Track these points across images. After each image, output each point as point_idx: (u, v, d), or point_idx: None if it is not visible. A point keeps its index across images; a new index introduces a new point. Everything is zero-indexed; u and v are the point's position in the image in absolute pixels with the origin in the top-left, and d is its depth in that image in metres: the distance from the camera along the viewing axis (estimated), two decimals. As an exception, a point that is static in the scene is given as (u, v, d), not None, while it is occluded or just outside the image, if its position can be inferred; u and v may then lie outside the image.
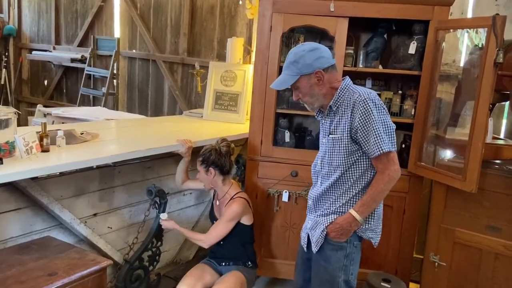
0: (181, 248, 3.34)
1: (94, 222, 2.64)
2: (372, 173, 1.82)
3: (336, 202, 1.88)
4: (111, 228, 2.76)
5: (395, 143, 1.77)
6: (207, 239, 2.49)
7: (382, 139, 1.72)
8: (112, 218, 2.76)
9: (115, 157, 2.32)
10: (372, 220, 1.86)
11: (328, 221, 1.88)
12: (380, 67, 2.74)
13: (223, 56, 4.18)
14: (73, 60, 5.53)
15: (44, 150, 2.12)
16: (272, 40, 2.74)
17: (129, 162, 2.74)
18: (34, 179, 2.20)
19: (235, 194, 2.55)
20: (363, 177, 1.83)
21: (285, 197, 2.85)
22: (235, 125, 3.49)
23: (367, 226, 1.85)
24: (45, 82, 6.44)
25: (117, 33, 5.40)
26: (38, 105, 4.99)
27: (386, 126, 1.76)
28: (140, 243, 2.71)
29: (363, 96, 1.76)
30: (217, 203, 2.62)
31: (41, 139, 2.10)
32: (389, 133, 1.76)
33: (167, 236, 3.09)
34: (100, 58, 5.56)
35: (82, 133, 2.54)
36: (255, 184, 2.89)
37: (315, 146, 2.88)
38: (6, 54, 6.47)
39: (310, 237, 1.96)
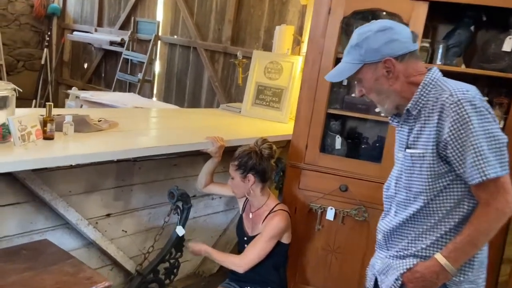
0: (205, 259, 2.94)
1: (106, 224, 2.29)
2: (471, 205, 1.31)
3: (416, 242, 1.37)
4: (125, 232, 2.40)
5: (507, 164, 1.24)
6: (244, 263, 2.07)
7: (485, 159, 1.20)
8: (128, 221, 2.40)
9: (127, 153, 1.94)
10: (471, 269, 1.33)
11: (405, 267, 1.37)
12: (463, 66, 2.21)
13: (269, 47, 3.74)
14: (112, 43, 5.27)
15: (47, 137, 1.77)
16: (329, 26, 2.28)
17: (152, 157, 2.36)
18: (35, 170, 1.86)
19: (275, 206, 2.11)
20: (457, 210, 1.31)
21: (330, 215, 2.37)
22: (277, 124, 3.05)
23: (462, 278, 1.33)
24: (85, 65, 6.25)
25: (159, 17, 5.08)
26: (73, 88, 4.77)
27: (492, 139, 1.22)
28: (158, 251, 2.34)
29: (457, 96, 1.25)
30: (250, 215, 2.19)
31: (44, 124, 1.75)
32: (497, 150, 1.23)
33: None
34: (140, 43, 5.27)
35: (100, 120, 2.18)
36: (295, 195, 2.44)
37: (372, 158, 2.40)
38: (49, 34, 6.35)
39: (379, 283, 1.48)
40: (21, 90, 1.67)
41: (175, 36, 4.99)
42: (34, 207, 1.99)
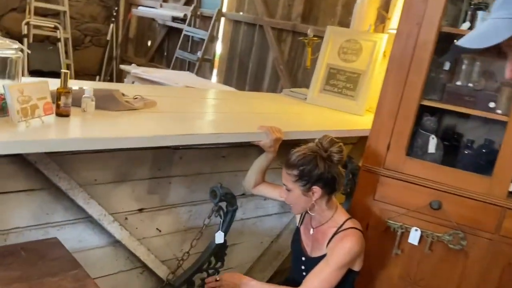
0: (252, 268, 2.52)
1: (137, 220, 1.93)
2: None
3: None
4: (159, 231, 2.03)
5: None
6: None
7: None
8: (163, 218, 2.03)
9: (153, 140, 1.53)
10: None
11: None
12: None
13: (347, 25, 3.19)
14: (174, 19, 4.97)
15: (61, 113, 1.41)
16: (434, -12, 1.70)
17: (197, 146, 1.96)
18: (51, 153, 1.52)
19: (344, 222, 1.61)
20: None
21: (413, 238, 1.83)
22: (348, 116, 2.52)
23: None
24: (148, 43, 6.06)
25: (225, -8, 4.69)
26: (132, 64, 4.55)
27: None
28: (196, 255, 1.95)
29: None
30: (311, 231, 1.71)
31: (58, 97, 1.39)
32: None
33: (233, 251, 2.30)
34: (204, 20, 4.91)
35: (136, 98, 1.81)
36: (368, 208, 1.92)
37: (477, 168, 1.81)
38: (116, 9, 6.22)
39: None
40: (29, 52, 1.30)
41: (241, 13, 4.57)
42: (52, 196, 1.66)
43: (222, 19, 4.67)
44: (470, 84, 1.81)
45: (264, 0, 4.26)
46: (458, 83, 1.83)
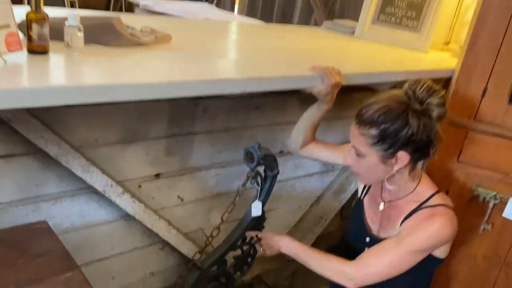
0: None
1: (154, 189, 1.55)
2: None
3: None
4: (181, 200, 1.65)
5: None
6: (360, 275, 1.19)
7: None
8: (185, 185, 1.64)
9: (167, 89, 1.06)
10: None
11: None
12: None
13: None
14: None
15: (34, 49, 0.97)
16: None
17: (223, 96, 1.52)
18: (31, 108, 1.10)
19: (430, 197, 1.19)
20: None
21: (510, 211, 1.40)
22: (409, 53, 2.01)
23: None
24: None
25: None
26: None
27: None
28: (229, 228, 1.58)
29: None
30: (381, 206, 1.29)
31: (29, 27, 0.94)
32: None
33: (267, 218, 1.92)
34: None
35: (144, 31, 1.35)
36: (449, 171, 1.48)
37: None
38: None
39: None
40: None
41: None
42: (40, 162, 1.27)
43: None
44: None
45: None
46: None
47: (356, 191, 1.51)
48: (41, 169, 1.28)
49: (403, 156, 1.09)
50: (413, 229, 1.17)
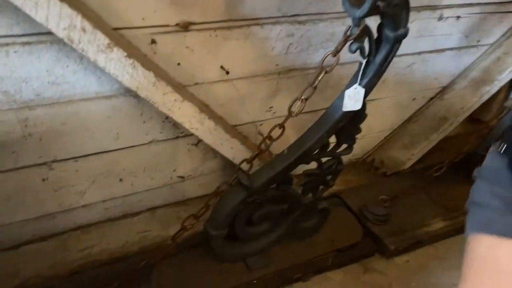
0: (390, 140, 1.48)
1: (180, 48, 0.90)
2: None
3: None
4: (226, 72, 0.99)
5: None
6: None
7: None
8: (235, 48, 0.97)
9: None
10: None
11: None
12: None
13: None
14: None
15: None
16: None
17: None
18: None
19: None
20: None
21: None
22: None
23: None
24: None
25: None
26: None
27: None
28: (301, 128, 0.96)
29: None
30: None
31: None
32: None
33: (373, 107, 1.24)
34: None
35: None
36: None
37: None
38: None
39: None
40: None
41: None
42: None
43: None
44: None
45: None
46: None
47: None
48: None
49: None
50: None
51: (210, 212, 0.99)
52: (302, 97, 0.85)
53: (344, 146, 1.00)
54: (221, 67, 0.99)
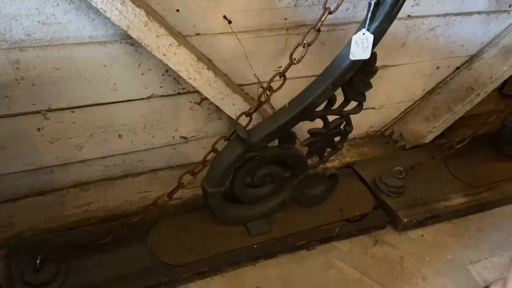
0: (409, 113, 1.39)
1: (178, -7, 0.85)
2: None
3: None
4: (229, 21, 0.93)
5: None
6: None
7: None
8: (237, -5, 0.91)
9: None
10: None
11: None
12: None
13: None
14: None
15: None
16: None
17: None
18: None
19: None
20: None
21: None
22: None
23: None
24: None
25: None
26: None
27: None
28: (304, 80, 0.90)
29: None
30: None
31: None
32: None
33: (385, 80, 1.16)
34: None
35: None
36: None
37: None
38: None
39: None
40: None
41: None
42: None
43: None
44: None
45: None
46: None
47: None
48: None
49: None
50: None
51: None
52: (304, 42, 0.78)
53: (349, 104, 0.93)
54: (224, 16, 0.93)
